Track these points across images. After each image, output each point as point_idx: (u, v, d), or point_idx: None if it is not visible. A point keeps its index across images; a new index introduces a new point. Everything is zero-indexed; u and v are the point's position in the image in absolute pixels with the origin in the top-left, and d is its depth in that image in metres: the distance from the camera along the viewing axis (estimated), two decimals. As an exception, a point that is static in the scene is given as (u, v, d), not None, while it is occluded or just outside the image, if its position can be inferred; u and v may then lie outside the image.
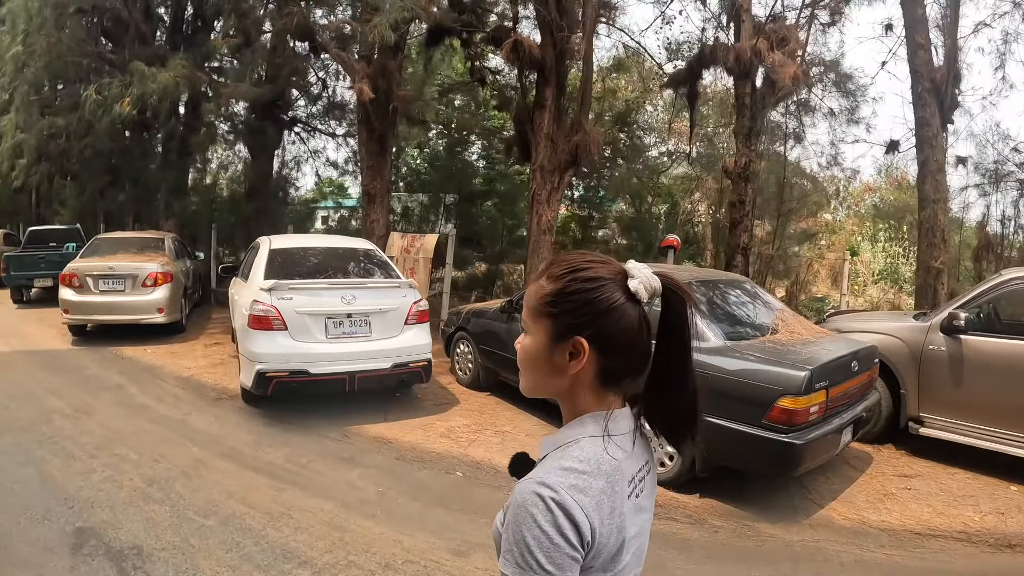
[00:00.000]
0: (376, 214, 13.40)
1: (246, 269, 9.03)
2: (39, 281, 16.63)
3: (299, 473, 5.93)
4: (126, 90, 14.10)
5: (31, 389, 8.67)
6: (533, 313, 1.36)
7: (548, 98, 11.87)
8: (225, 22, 17.09)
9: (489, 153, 21.12)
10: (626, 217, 19.39)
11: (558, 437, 1.34)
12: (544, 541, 1.15)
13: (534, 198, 12.15)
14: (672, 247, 11.82)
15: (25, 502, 5.14)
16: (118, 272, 11.67)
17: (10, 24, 17.84)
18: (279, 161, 21.46)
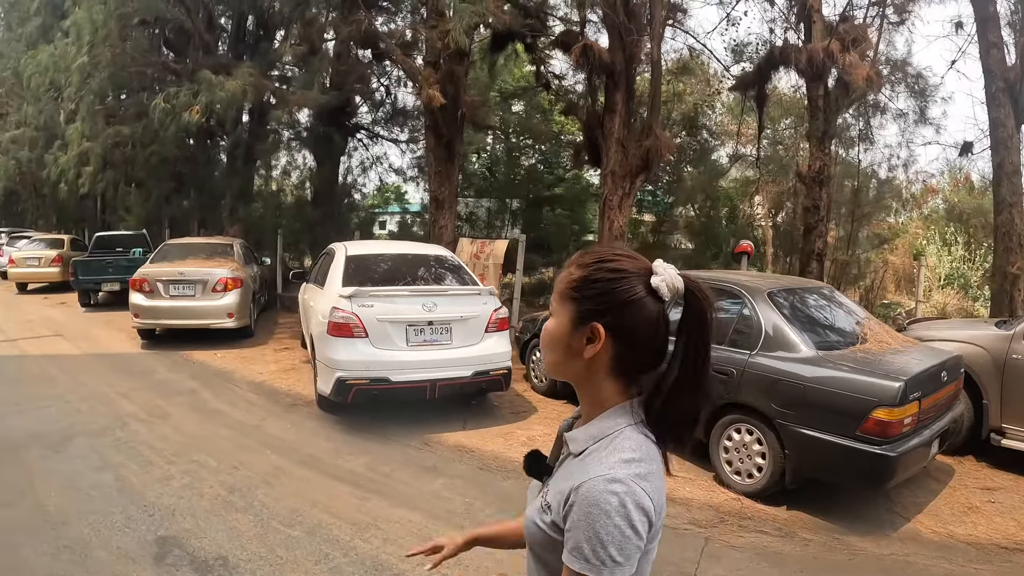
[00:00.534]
0: (444, 220, 13.31)
1: (320, 275, 8.96)
2: (107, 285, 16.98)
3: (382, 482, 5.79)
4: (194, 98, 14.28)
5: (103, 392, 8.71)
6: (559, 296, 1.42)
7: (618, 102, 11.69)
8: (287, 30, 17.24)
9: (551, 158, 21.00)
10: (696, 222, 19.11)
11: (593, 431, 1.38)
12: (617, 535, 1.20)
13: (605, 204, 11.95)
14: (746, 253, 11.61)
15: (104, 508, 5.08)
16: (188, 277, 11.74)
17: (75, 36, 18.23)
18: (344, 167, 21.59)
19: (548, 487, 1.44)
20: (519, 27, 12.22)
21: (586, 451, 1.35)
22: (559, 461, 1.49)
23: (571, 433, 1.43)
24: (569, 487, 1.30)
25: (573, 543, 1.24)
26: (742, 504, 5.45)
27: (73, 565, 4.28)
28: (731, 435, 5.75)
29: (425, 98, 11.81)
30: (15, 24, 31.34)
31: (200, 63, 16.43)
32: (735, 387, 5.66)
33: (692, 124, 18.36)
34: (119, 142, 19.34)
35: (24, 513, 5.05)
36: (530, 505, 1.47)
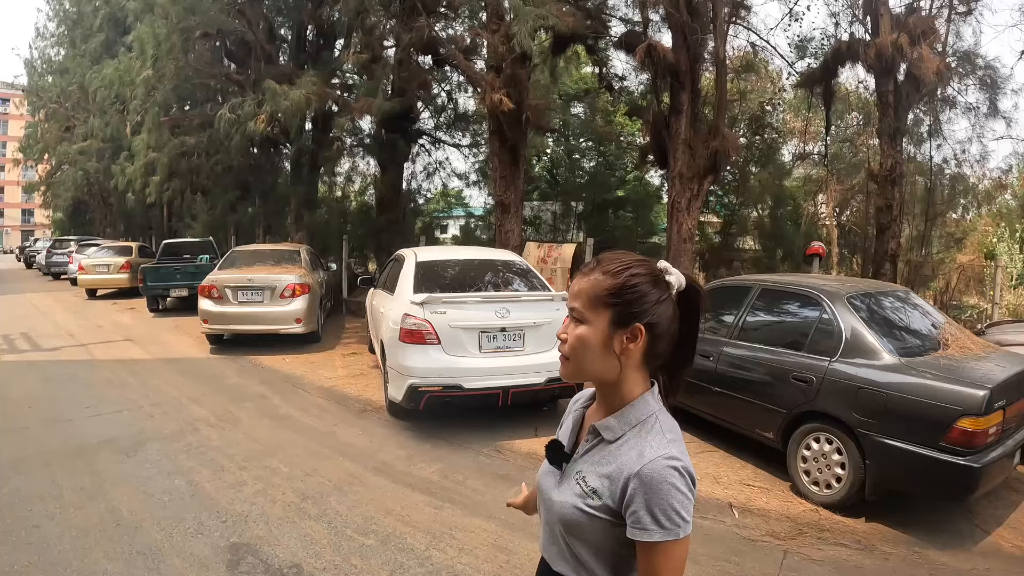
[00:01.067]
0: (510, 224, 13.18)
1: (389, 281, 8.90)
2: (175, 291, 17.23)
3: (456, 490, 5.66)
4: (259, 108, 14.46)
5: (174, 397, 8.77)
6: (592, 303, 1.53)
7: (684, 103, 11.47)
8: (348, 39, 17.36)
9: (614, 160, 20.82)
10: (764, 223, 18.73)
11: (629, 418, 1.53)
12: (684, 500, 1.40)
13: (673, 206, 11.72)
14: (818, 255, 11.30)
15: (177, 514, 5.07)
16: (256, 284, 11.83)
17: (139, 50, 18.69)
18: (408, 172, 21.69)
19: (579, 473, 1.56)
20: (581, 29, 12.07)
21: (623, 437, 1.52)
22: (586, 447, 1.59)
23: (604, 422, 1.56)
24: (620, 471, 1.45)
25: (649, 518, 1.40)
26: (820, 516, 5.24)
27: (147, 571, 4.26)
28: (810, 444, 5.50)
29: (490, 103, 11.72)
30: (79, 41, 32.38)
31: (263, 73, 16.69)
32: (814, 394, 5.43)
33: (758, 123, 18.00)
34: (184, 152, 19.79)
35: (96, 517, 5.04)
36: (559, 491, 1.59)
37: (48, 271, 32.59)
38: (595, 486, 1.49)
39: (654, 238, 19.98)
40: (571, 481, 1.56)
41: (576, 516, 1.51)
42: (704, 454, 6.61)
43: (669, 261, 6.90)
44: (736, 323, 6.53)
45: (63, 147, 36.25)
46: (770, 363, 5.92)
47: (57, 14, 38.00)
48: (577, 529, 1.52)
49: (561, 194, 20.81)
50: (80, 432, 7.25)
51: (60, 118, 36.68)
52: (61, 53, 38.56)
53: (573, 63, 17.87)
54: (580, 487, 1.52)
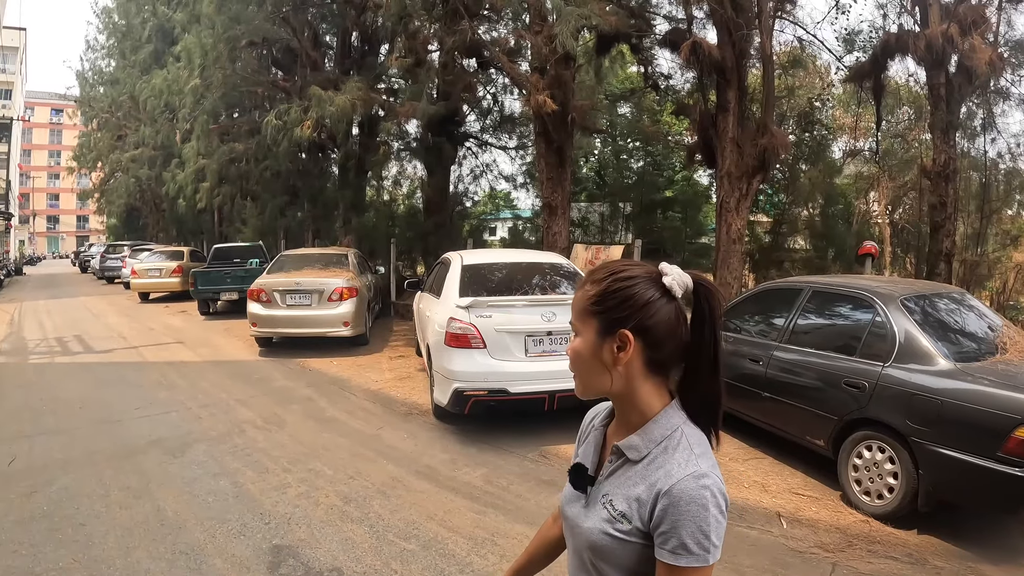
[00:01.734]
0: (558, 226, 13.11)
1: (435, 284, 8.88)
2: (225, 294, 17.59)
3: (500, 496, 5.59)
4: (305, 114, 14.58)
5: (222, 399, 8.87)
6: (580, 315, 1.50)
7: (730, 100, 11.29)
8: (392, 44, 17.46)
9: (661, 160, 20.65)
10: (816, 223, 18.38)
11: (653, 435, 1.44)
12: (714, 524, 1.31)
13: (722, 206, 11.55)
14: (870, 255, 11.03)
15: (220, 515, 5.10)
16: (305, 287, 11.93)
17: (186, 60, 19.03)
18: (454, 175, 21.70)
19: (606, 496, 1.47)
20: (624, 28, 11.95)
21: (649, 456, 1.43)
22: (611, 469, 1.50)
23: (627, 441, 1.46)
24: (649, 491, 1.37)
25: (676, 542, 1.31)
26: (871, 527, 5.05)
27: (188, 571, 4.29)
28: (861, 452, 5.31)
29: (535, 104, 11.65)
30: (128, 52, 33.10)
31: (308, 80, 16.84)
32: (867, 401, 5.24)
33: (807, 119, 17.69)
34: (234, 158, 20.10)
35: (141, 517, 5.10)
36: (586, 517, 1.50)
37: (102, 275, 33.50)
38: (623, 509, 1.42)
39: (703, 239, 19.76)
40: (597, 506, 1.48)
41: (606, 542, 1.43)
42: (752, 461, 6.47)
43: (718, 262, 6.84)
44: (786, 326, 6.35)
45: (115, 155, 37.10)
46: (821, 368, 5.74)
47: (107, 27, 38.87)
48: (608, 555, 1.44)
49: (609, 195, 20.66)
50: (129, 433, 7.35)
51: (112, 127, 37.45)
52: (111, 64, 39.43)
53: (618, 63, 17.72)
54: (608, 511, 1.44)
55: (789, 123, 17.46)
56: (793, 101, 17.74)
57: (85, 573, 4.27)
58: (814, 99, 17.87)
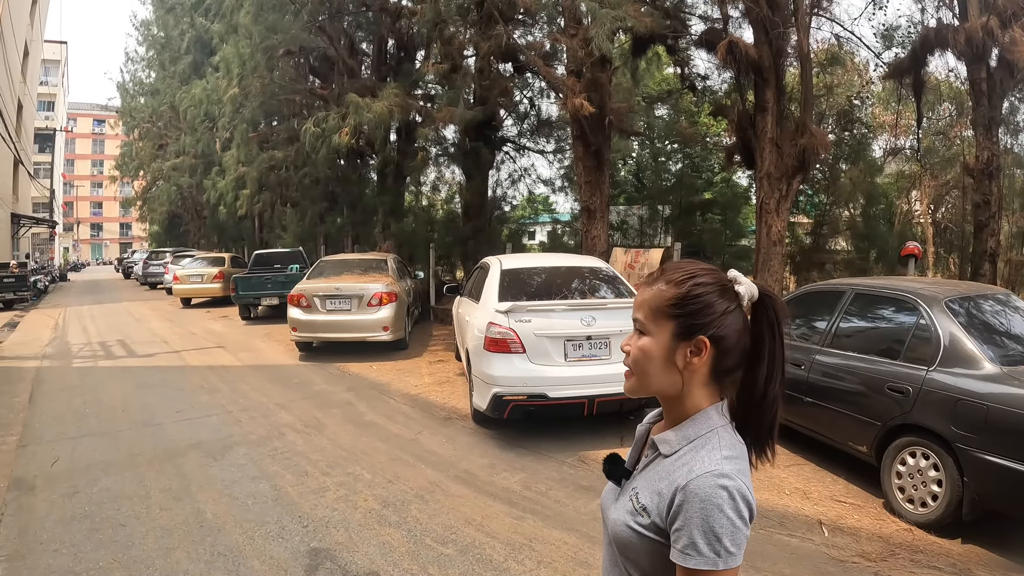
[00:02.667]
0: (596, 230, 13.02)
1: (474, 289, 8.87)
2: (266, 300, 17.85)
3: (538, 501, 5.53)
4: (343, 121, 14.68)
5: (262, 403, 8.92)
6: (654, 315, 1.46)
7: (768, 100, 11.13)
8: (428, 50, 17.53)
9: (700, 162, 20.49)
10: (858, 223, 18.10)
11: (687, 432, 1.43)
12: (729, 527, 1.26)
13: (762, 208, 11.38)
14: (913, 255, 10.81)
15: (259, 517, 5.12)
16: (344, 292, 11.98)
17: (224, 70, 19.36)
18: (493, 180, 21.72)
19: (635, 489, 1.46)
20: (660, 29, 11.83)
21: (679, 451, 1.41)
22: (645, 463, 1.50)
23: (662, 435, 1.47)
24: (670, 487, 1.35)
25: (686, 540, 1.28)
26: (914, 536, 4.91)
27: (227, 572, 4.31)
28: (905, 459, 5.16)
29: (571, 108, 11.60)
30: (168, 63, 33.80)
31: (345, 87, 16.98)
32: (910, 406, 5.10)
33: (846, 118, 17.41)
34: (273, 166, 20.32)
35: (181, 518, 5.14)
36: (614, 508, 1.50)
37: (145, 281, 34.01)
38: (645, 503, 1.40)
39: (743, 241, 19.52)
40: (625, 498, 1.47)
41: (627, 535, 1.42)
42: (794, 467, 6.34)
43: (759, 264, 6.72)
44: (829, 330, 6.22)
45: (157, 164, 37.81)
46: (864, 372, 5.61)
47: (146, 39, 39.67)
48: (629, 549, 1.43)
49: (647, 198, 20.52)
50: (170, 436, 7.42)
51: (153, 136, 38.20)
52: (151, 75, 40.23)
53: (654, 64, 17.58)
54: (632, 504, 1.43)
55: (828, 122, 17.16)
56: (832, 99, 17.44)
57: (125, 573, 4.31)
58: (853, 97, 17.57)
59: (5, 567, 4.44)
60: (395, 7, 17.36)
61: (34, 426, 7.98)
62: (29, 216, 43.47)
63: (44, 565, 4.44)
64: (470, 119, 15.15)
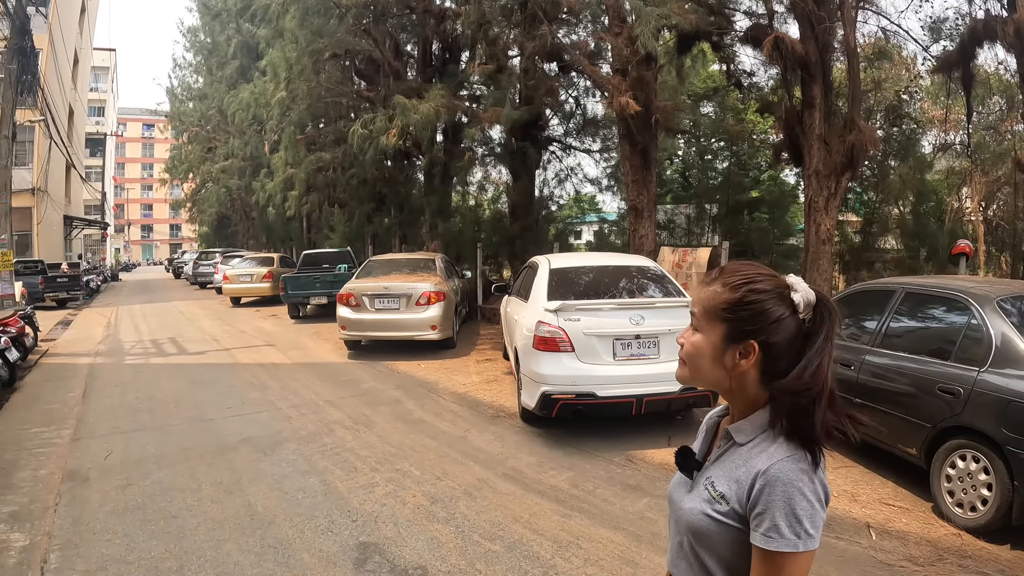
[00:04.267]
0: (644, 229, 12.89)
1: (523, 288, 8.85)
2: (314, 299, 18.07)
3: (585, 499, 5.49)
4: (390, 122, 14.77)
5: (311, 400, 9.00)
6: (708, 315, 1.48)
7: (816, 96, 10.93)
8: (473, 51, 17.54)
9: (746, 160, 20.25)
10: (908, 221, 17.73)
11: (761, 420, 1.44)
12: (809, 510, 1.30)
13: (810, 206, 11.18)
14: (964, 254, 10.56)
15: (309, 511, 5.17)
16: (393, 292, 12.05)
17: (271, 74, 19.58)
18: (539, 180, 21.66)
19: (709, 479, 1.47)
20: (704, 26, 11.70)
21: (754, 439, 1.43)
22: (718, 453, 1.51)
23: (736, 425, 1.48)
24: (749, 473, 1.37)
25: (769, 523, 1.31)
26: (962, 540, 4.75)
27: (276, 564, 4.35)
28: (955, 462, 5.00)
29: (617, 106, 11.50)
30: (215, 68, 34.33)
31: (392, 89, 17.09)
32: (961, 408, 4.93)
33: (894, 113, 17.05)
34: (321, 167, 20.55)
35: (232, 511, 5.21)
36: (688, 499, 1.50)
37: (195, 281, 34.77)
38: (723, 490, 1.42)
39: (791, 240, 19.20)
40: (700, 487, 1.48)
41: (704, 523, 1.43)
42: (842, 469, 6.20)
43: (807, 263, 6.60)
44: (879, 330, 6.06)
45: (206, 166, 38.53)
46: (914, 373, 5.44)
47: (193, 45, 40.56)
48: (705, 539, 1.44)
49: (694, 196, 20.31)
50: (221, 431, 7.54)
51: (202, 140, 38.86)
52: (199, 80, 41.12)
53: (699, 61, 17.34)
54: (708, 492, 1.45)
55: (876, 118, 16.79)
56: (880, 95, 17.08)
57: (176, 563, 4.37)
58: (901, 92, 17.23)
59: (59, 555, 4.54)
60: (439, 9, 17.44)
61: (88, 420, 8.17)
62: (81, 218, 44.58)
63: (97, 554, 4.53)
64: (516, 119, 15.14)
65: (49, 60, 28.36)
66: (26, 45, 17.60)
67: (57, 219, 36.66)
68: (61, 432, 7.66)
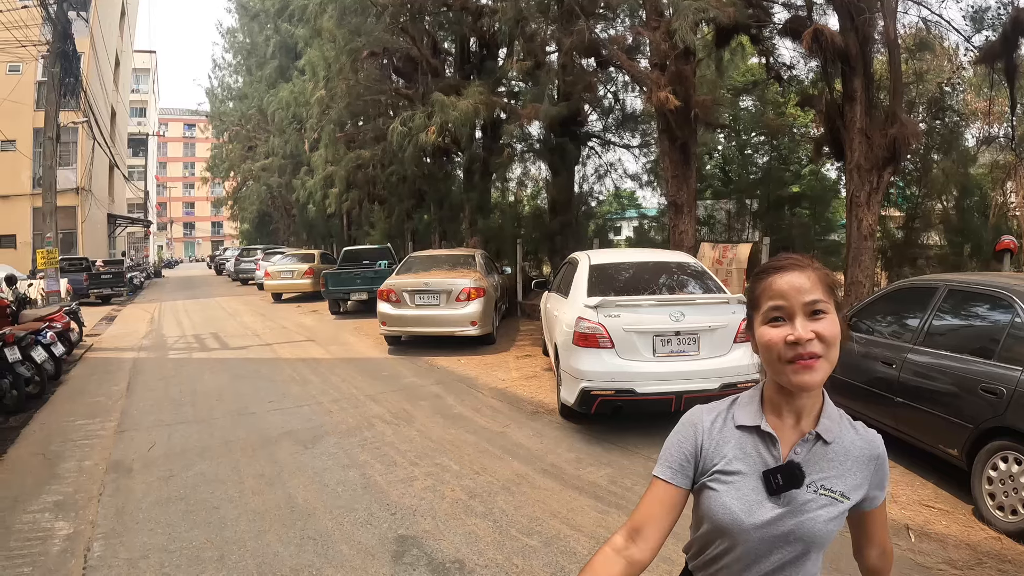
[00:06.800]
0: (684, 225, 12.76)
1: (563, 284, 8.83)
2: (355, 295, 18.16)
3: (623, 496, 5.45)
4: (429, 120, 14.81)
5: (352, 394, 9.07)
6: (830, 294, 1.44)
7: (857, 89, 10.73)
8: (510, 47, 17.53)
9: (787, 154, 19.98)
10: (951, 217, 17.37)
11: (833, 413, 1.50)
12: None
13: (852, 201, 11.00)
14: (1009, 250, 10.34)
15: (348, 504, 5.21)
16: (433, 288, 12.10)
17: (310, 73, 19.83)
18: (579, 175, 21.57)
19: (812, 484, 1.44)
20: (743, 19, 11.53)
21: (839, 435, 1.48)
22: (804, 456, 1.46)
23: (823, 425, 1.47)
24: (860, 462, 1.47)
25: (884, 481, 1.53)
26: (1003, 545, 4.62)
27: (316, 556, 4.39)
28: (996, 464, 4.85)
29: (656, 101, 11.40)
30: (254, 68, 34.79)
31: (430, 86, 17.12)
32: (1004, 408, 4.77)
33: (937, 106, 16.70)
34: (360, 165, 20.67)
35: (273, 503, 5.26)
36: (793, 514, 1.42)
37: (236, 277, 35.29)
38: (842, 488, 1.45)
39: (832, 235, 18.87)
40: (807, 496, 1.43)
41: (832, 527, 1.44)
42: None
43: (849, 260, 6.68)
44: (921, 327, 5.89)
45: (247, 165, 39.02)
46: (957, 372, 5.29)
47: (232, 46, 41.10)
48: (828, 539, 1.45)
49: (734, 192, 20.05)
50: (263, 424, 7.62)
51: (242, 139, 39.38)
52: (239, 80, 41.72)
53: (738, 55, 17.18)
54: (828, 497, 1.44)
55: (918, 111, 16.48)
56: (921, 87, 16.72)
57: (216, 553, 4.42)
58: (943, 84, 16.88)
59: (102, 544, 4.61)
60: (476, 6, 17.40)
61: (132, 413, 8.31)
62: (125, 216, 45.47)
63: (140, 543, 4.59)
64: (555, 115, 15.11)
65: (91, 63, 28.92)
66: (68, 49, 17.95)
67: (101, 217, 37.37)
68: (105, 424, 7.80)
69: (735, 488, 1.47)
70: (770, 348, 1.41)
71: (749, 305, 1.53)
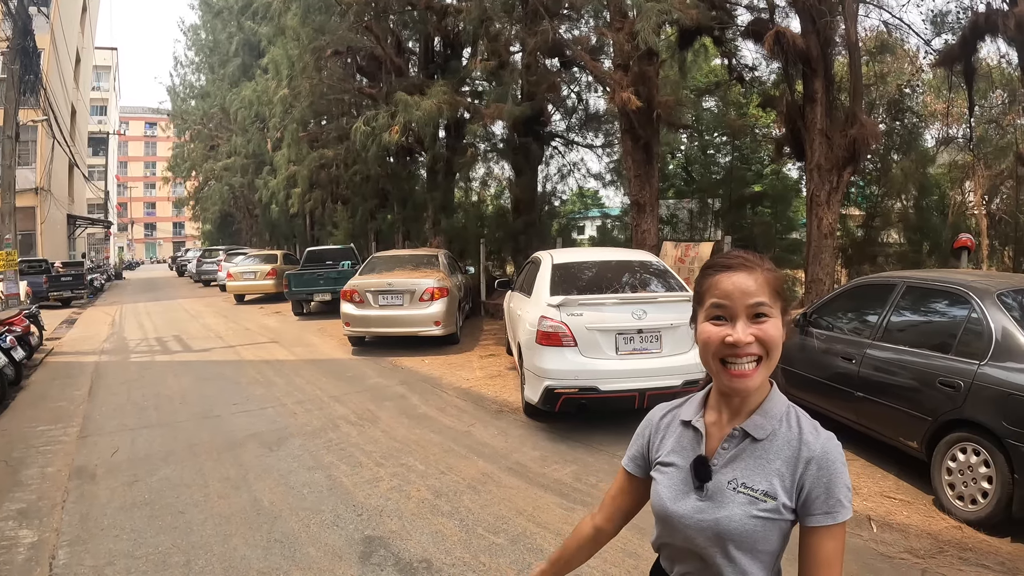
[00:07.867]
0: (646, 224, 12.87)
1: (526, 283, 8.86)
2: (318, 296, 18.09)
3: (589, 493, 5.53)
4: (392, 119, 14.78)
5: (317, 396, 9.05)
6: (776, 297, 1.44)
7: (818, 90, 10.92)
8: (475, 47, 17.55)
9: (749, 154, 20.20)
10: (910, 215, 17.67)
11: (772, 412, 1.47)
12: (848, 479, 1.42)
13: (812, 200, 11.19)
14: (966, 248, 10.56)
15: (315, 506, 5.22)
16: (397, 288, 12.10)
17: (273, 71, 19.71)
18: (542, 175, 21.66)
19: (733, 482, 1.44)
20: (706, 21, 11.66)
21: (772, 432, 1.45)
22: (730, 454, 1.48)
23: (752, 421, 1.46)
24: (790, 463, 1.41)
25: (832, 501, 1.38)
26: (963, 533, 4.78)
27: (283, 559, 4.40)
28: (955, 455, 5.01)
29: (619, 102, 11.49)
30: (217, 66, 34.48)
31: (394, 86, 17.09)
32: (962, 401, 4.94)
33: (897, 107, 17.01)
34: (324, 164, 20.60)
35: (239, 506, 5.26)
36: (712, 509, 1.45)
37: (198, 278, 34.84)
38: (765, 488, 1.41)
39: (794, 234, 19.10)
40: (727, 493, 1.44)
41: (751, 526, 1.40)
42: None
43: (809, 258, 6.80)
44: (880, 323, 6.04)
45: (209, 164, 38.61)
46: (915, 366, 5.45)
47: (195, 43, 40.76)
48: (749, 541, 1.41)
49: (697, 191, 20.22)
50: (227, 427, 7.59)
51: (204, 138, 38.94)
52: (201, 79, 41.30)
53: (701, 56, 17.34)
54: (746, 495, 1.42)
55: (879, 112, 16.75)
56: (882, 88, 17.04)
57: (183, 558, 4.41)
58: (903, 86, 17.19)
59: (67, 551, 4.58)
60: (440, 5, 17.37)
61: (94, 418, 8.23)
62: (84, 217, 44.71)
63: (105, 549, 4.57)
64: (518, 115, 15.16)
65: (51, 60, 28.42)
66: (28, 45, 17.67)
67: (61, 218, 36.77)
68: (68, 430, 7.72)
69: (668, 478, 1.55)
70: (707, 345, 1.44)
71: (695, 299, 1.54)
